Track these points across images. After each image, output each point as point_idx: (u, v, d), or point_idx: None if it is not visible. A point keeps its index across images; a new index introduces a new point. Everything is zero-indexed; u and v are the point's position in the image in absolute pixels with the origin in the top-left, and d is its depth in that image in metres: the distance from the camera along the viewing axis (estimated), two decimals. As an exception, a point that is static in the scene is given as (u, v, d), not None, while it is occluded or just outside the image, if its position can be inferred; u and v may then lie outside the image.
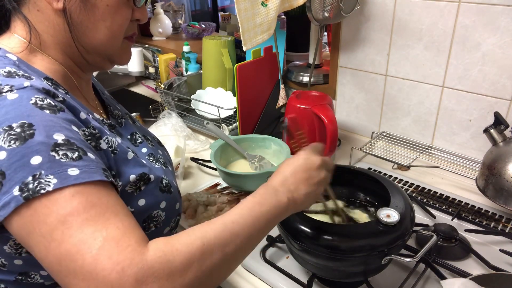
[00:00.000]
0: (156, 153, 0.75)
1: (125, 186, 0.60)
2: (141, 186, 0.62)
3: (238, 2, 0.94)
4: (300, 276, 0.77)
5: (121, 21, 0.62)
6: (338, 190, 0.86)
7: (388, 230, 0.64)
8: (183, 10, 2.29)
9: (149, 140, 0.78)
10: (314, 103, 1.06)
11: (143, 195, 0.62)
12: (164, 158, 0.77)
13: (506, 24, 0.93)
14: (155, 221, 0.64)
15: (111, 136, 0.61)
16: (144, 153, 0.71)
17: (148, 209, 0.63)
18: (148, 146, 0.75)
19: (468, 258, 0.81)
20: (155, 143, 0.80)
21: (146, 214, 0.63)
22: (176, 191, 0.70)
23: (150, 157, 0.71)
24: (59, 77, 0.61)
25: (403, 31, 1.09)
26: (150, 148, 0.74)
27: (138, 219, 0.58)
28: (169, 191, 0.67)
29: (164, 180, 0.66)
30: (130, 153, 0.63)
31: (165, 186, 0.66)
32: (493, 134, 0.93)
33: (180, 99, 1.46)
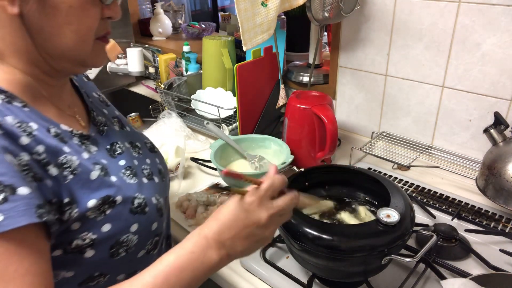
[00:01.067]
0: (141, 164, 0.68)
1: (85, 212, 0.54)
2: (105, 210, 0.56)
3: (238, 2, 0.94)
4: (300, 276, 0.77)
5: (90, 22, 0.56)
6: (338, 190, 0.86)
7: (388, 230, 0.64)
8: (183, 10, 2.29)
9: (136, 148, 0.71)
10: (314, 103, 1.06)
11: (108, 220, 0.56)
12: (152, 168, 0.70)
13: (506, 24, 0.93)
14: (125, 246, 0.58)
15: (72, 154, 0.55)
16: (121, 166, 0.64)
17: (115, 235, 0.57)
18: (131, 156, 0.68)
19: (468, 258, 0.81)
20: (144, 151, 0.73)
21: (113, 240, 0.57)
22: (153, 210, 0.63)
23: (127, 170, 0.64)
24: (18, 87, 0.55)
25: (403, 31, 1.09)
26: (132, 159, 0.67)
27: (104, 247, 0.55)
28: (143, 212, 0.60)
29: (136, 200, 0.60)
30: (95, 172, 0.56)
31: (137, 206, 0.60)
32: (493, 134, 0.93)
33: (180, 99, 1.46)
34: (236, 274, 0.81)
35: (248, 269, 0.81)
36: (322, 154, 1.07)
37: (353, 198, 0.85)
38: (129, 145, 0.70)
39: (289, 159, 1.03)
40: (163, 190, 0.71)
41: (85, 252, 0.54)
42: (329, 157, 1.09)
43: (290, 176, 0.81)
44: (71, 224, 0.53)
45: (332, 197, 0.85)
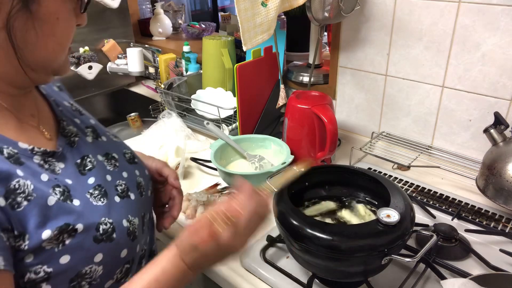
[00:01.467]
0: (115, 179, 0.62)
1: (39, 244, 0.48)
2: (64, 240, 0.50)
3: (238, 2, 0.94)
4: (300, 276, 0.77)
5: (70, 32, 0.55)
6: (338, 190, 0.86)
7: (388, 230, 0.64)
8: (183, 10, 2.29)
9: (112, 160, 0.65)
10: (314, 103, 1.06)
11: (67, 251, 0.50)
12: (129, 183, 0.64)
13: (506, 24, 0.93)
14: (88, 278, 0.52)
15: (26, 178, 0.49)
16: (90, 185, 0.58)
17: (76, 266, 0.51)
18: (104, 171, 0.62)
19: (468, 258, 0.81)
20: (122, 163, 0.66)
21: (73, 272, 0.51)
22: (123, 235, 0.57)
23: (96, 190, 0.57)
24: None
25: (403, 31, 1.09)
26: (105, 175, 0.61)
27: (62, 280, 0.50)
28: (109, 239, 0.54)
29: (101, 226, 0.54)
30: (53, 197, 0.51)
31: (102, 233, 0.54)
32: (493, 134, 0.93)
33: (180, 99, 1.46)
34: (236, 274, 0.81)
35: (248, 269, 0.81)
36: (322, 154, 1.07)
37: (353, 198, 0.85)
38: (104, 158, 0.64)
39: (289, 159, 1.03)
40: (142, 206, 0.65)
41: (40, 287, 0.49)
42: (329, 157, 1.09)
43: (290, 176, 0.81)
44: (24, 256, 0.48)
45: (333, 197, 0.85)
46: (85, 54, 1.69)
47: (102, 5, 1.63)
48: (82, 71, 1.66)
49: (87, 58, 1.69)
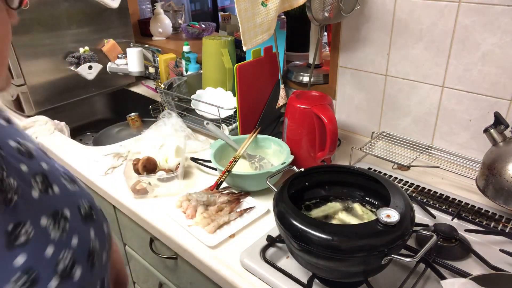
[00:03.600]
0: (58, 253, 0.46)
1: None
2: None
3: (238, 2, 0.94)
4: (300, 276, 0.77)
5: (6, 36, 0.45)
6: (338, 190, 0.86)
7: (388, 230, 0.64)
8: (183, 10, 2.30)
9: (61, 221, 0.48)
10: (314, 103, 1.06)
11: None
12: (76, 253, 0.48)
13: (506, 24, 0.93)
14: None
15: None
16: (15, 268, 0.42)
17: None
18: (43, 243, 0.45)
19: (468, 258, 0.81)
20: (74, 223, 0.50)
21: None
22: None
23: (24, 276, 0.42)
24: None
25: (403, 31, 1.09)
26: (43, 249, 0.45)
27: None
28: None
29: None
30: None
31: None
32: (493, 134, 0.93)
33: (180, 99, 1.46)
34: (236, 274, 0.81)
35: (248, 269, 0.81)
36: (322, 154, 1.07)
37: (353, 198, 0.85)
38: (49, 221, 0.47)
39: (289, 159, 1.03)
40: (92, 279, 0.51)
41: None
42: (329, 157, 1.09)
43: (290, 176, 0.81)
44: None
45: (333, 197, 0.85)
46: (85, 54, 1.69)
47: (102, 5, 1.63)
48: (82, 71, 1.66)
49: (87, 58, 1.69)
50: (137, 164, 1.10)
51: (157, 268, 1.16)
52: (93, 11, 1.67)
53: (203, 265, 0.86)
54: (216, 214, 0.95)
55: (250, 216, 0.96)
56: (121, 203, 1.07)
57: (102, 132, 1.64)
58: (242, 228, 0.93)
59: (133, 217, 1.06)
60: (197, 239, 0.90)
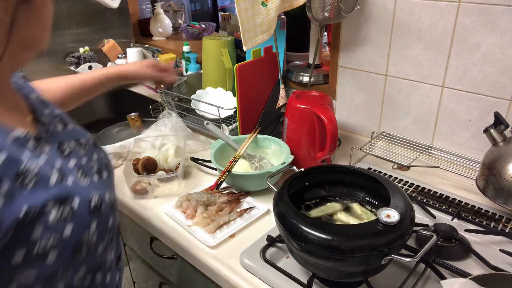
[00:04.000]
0: (89, 162, 0.66)
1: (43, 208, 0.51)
2: (67, 214, 0.53)
3: (238, 2, 0.94)
4: (300, 276, 0.77)
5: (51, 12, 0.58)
6: (338, 190, 0.86)
7: (388, 230, 0.64)
8: (183, 10, 2.30)
9: (81, 145, 0.68)
10: (314, 103, 1.06)
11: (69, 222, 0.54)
12: (99, 164, 0.68)
13: (506, 24, 0.93)
14: (86, 244, 0.56)
15: (31, 162, 0.52)
16: (72, 168, 0.60)
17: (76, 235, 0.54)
18: (79, 154, 0.65)
19: (468, 258, 0.81)
20: (89, 147, 0.70)
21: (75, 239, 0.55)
22: (108, 208, 0.61)
23: (78, 172, 0.61)
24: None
25: (403, 31, 1.09)
26: (80, 158, 0.64)
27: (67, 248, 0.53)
28: (99, 211, 0.59)
29: (93, 200, 0.58)
30: (53, 178, 0.54)
31: (94, 207, 0.58)
32: (493, 134, 0.93)
33: (180, 99, 1.46)
34: (236, 274, 0.81)
35: (248, 269, 0.81)
36: (322, 154, 1.07)
37: (353, 198, 0.85)
38: (75, 144, 0.66)
39: (289, 159, 1.03)
40: (111, 185, 0.71)
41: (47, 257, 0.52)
42: (329, 157, 1.09)
43: (290, 176, 0.81)
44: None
45: (333, 197, 0.85)
46: (85, 54, 1.69)
47: (102, 5, 1.63)
48: (82, 71, 1.66)
49: (87, 58, 1.69)
50: (137, 164, 1.10)
51: (157, 268, 1.16)
52: (93, 11, 1.67)
53: (203, 265, 0.86)
54: (216, 214, 0.94)
55: (250, 216, 0.96)
56: (121, 203, 1.07)
57: (102, 132, 1.64)
58: (242, 228, 0.93)
59: (133, 217, 1.06)
60: (197, 239, 0.90)
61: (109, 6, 1.63)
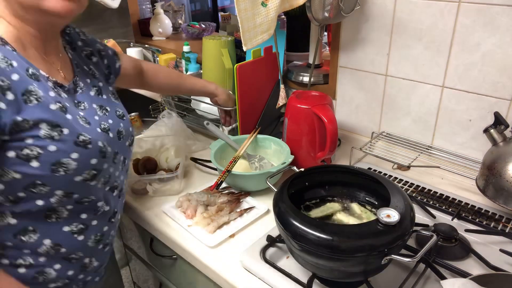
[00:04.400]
0: (101, 121, 0.78)
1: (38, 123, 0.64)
2: (54, 135, 0.66)
3: (238, 2, 0.94)
4: (300, 276, 0.77)
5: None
6: (338, 190, 0.86)
7: (388, 230, 0.64)
8: (183, 10, 2.30)
9: (103, 110, 0.81)
10: (314, 103, 1.06)
11: (56, 143, 0.66)
12: (112, 126, 0.80)
13: (506, 24, 0.93)
14: (64, 166, 0.67)
15: (40, 88, 0.66)
16: (80, 114, 0.73)
17: (59, 155, 0.66)
18: (93, 113, 0.77)
19: (468, 258, 0.81)
20: (111, 115, 0.82)
21: (55, 158, 0.66)
22: (96, 150, 0.72)
23: (83, 118, 0.73)
24: (11, 37, 0.67)
25: (403, 31, 1.09)
26: (93, 115, 0.77)
27: (47, 162, 0.66)
28: (85, 147, 0.70)
29: (81, 137, 0.69)
30: (54, 105, 0.67)
31: (81, 141, 0.69)
32: (493, 134, 0.93)
33: (180, 99, 1.46)
34: (236, 274, 0.81)
35: (248, 269, 0.81)
36: (322, 154, 1.07)
37: (353, 198, 0.85)
38: (97, 107, 0.80)
39: (289, 159, 1.03)
40: (116, 146, 0.80)
41: (30, 162, 0.65)
42: (329, 157, 1.09)
43: (290, 176, 0.81)
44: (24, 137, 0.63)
45: (333, 197, 0.85)
46: (85, 54, 1.69)
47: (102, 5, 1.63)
48: (82, 71, 1.66)
49: (87, 58, 1.68)
50: (137, 164, 1.10)
51: (157, 268, 1.16)
52: (93, 11, 1.67)
53: (203, 265, 0.86)
54: (216, 214, 0.94)
55: (250, 216, 0.96)
56: (121, 203, 1.07)
57: (102, 132, 1.64)
58: (242, 228, 0.93)
59: (133, 217, 1.06)
60: (197, 239, 0.90)
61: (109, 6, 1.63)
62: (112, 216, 0.82)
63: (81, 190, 0.72)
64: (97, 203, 0.77)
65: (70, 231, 0.74)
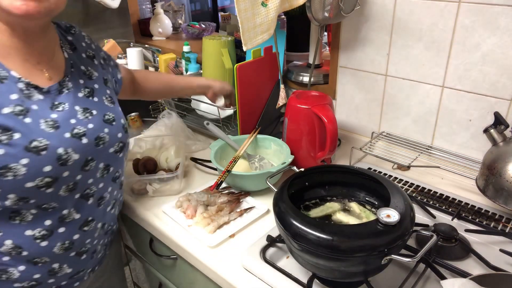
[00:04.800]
0: (77, 124, 0.73)
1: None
2: (2, 139, 0.64)
3: (238, 2, 0.94)
4: (300, 276, 0.77)
5: None
6: (338, 190, 0.86)
7: (388, 230, 0.64)
8: (183, 10, 2.29)
9: (87, 113, 0.76)
10: (314, 103, 1.06)
11: (3, 147, 0.64)
12: (89, 131, 0.75)
13: (506, 24, 0.93)
14: (12, 171, 0.65)
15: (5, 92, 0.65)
16: (50, 117, 0.70)
17: (6, 159, 0.64)
18: (70, 115, 0.73)
19: (468, 258, 0.81)
20: (96, 119, 0.78)
21: (2, 163, 0.64)
22: (52, 157, 0.68)
23: (51, 121, 0.70)
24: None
25: (403, 31, 1.09)
26: (69, 118, 0.73)
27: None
28: (37, 153, 0.66)
29: (34, 142, 0.66)
30: (7, 108, 0.65)
31: (32, 147, 0.66)
32: (493, 134, 0.93)
33: (180, 99, 1.46)
34: (236, 274, 0.81)
35: (248, 269, 0.81)
36: (322, 154, 1.07)
37: (352, 198, 0.85)
38: (81, 110, 0.76)
39: (289, 159, 1.03)
40: (91, 152, 0.75)
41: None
42: (329, 157, 1.09)
43: (290, 176, 0.81)
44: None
45: (333, 197, 0.85)
46: (85, 54, 1.69)
47: (102, 5, 1.63)
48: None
49: (87, 58, 1.68)
50: (137, 164, 1.10)
51: (157, 268, 1.16)
52: (93, 11, 1.67)
53: (203, 265, 0.86)
54: (216, 214, 0.94)
55: (250, 216, 0.96)
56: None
57: (102, 132, 1.64)
58: (242, 228, 0.93)
59: (133, 217, 1.06)
60: (197, 239, 0.90)
61: (109, 6, 1.63)
62: (84, 224, 0.78)
63: (37, 196, 0.69)
64: (62, 210, 0.73)
65: (32, 236, 0.71)
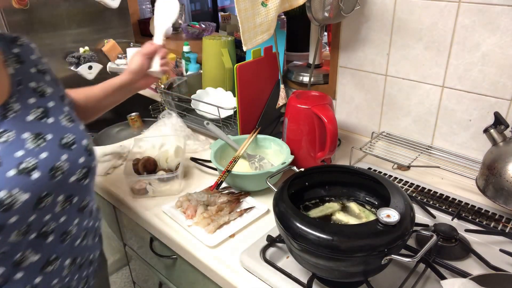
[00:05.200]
0: (26, 156, 0.64)
1: None
2: None
3: (238, 2, 0.94)
4: (300, 276, 0.77)
5: None
6: (338, 190, 0.86)
7: (388, 230, 0.64)
8: (183, 10, 2.30)
9: (39, 140, 0.66)
10: (314, 103, 1.06)
11: None
12: (41, 163, 0.65)
13: (506, 24, 0.93)
14: None
15: None
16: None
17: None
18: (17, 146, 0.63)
19: (468, 258, 0.81)
20: (51, 145, 0.67)
21: None
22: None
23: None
24: None
25: (403, 31, 1.09)
26: (15, 150, 0.63)
27: None
28: None
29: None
30: None
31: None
32: (493, 134, 0.93)
33: (180, 99, 1.46)
34: (236, 274, 0.81)
35: (248, 269, 0.81)
36: (322, 154, 1.07)
37: (352, 198, 0.85)
38: (31, 136, 0.65)
39: (289, 159, 1.03)
40: (47, 187, 0.65)
41: None
42: (329, 157, 1.09)
43: (290, 176, 0.81)
44: None
45: (333, 197, 0.85)
46: (85, 54, 1.69)
47: (102, 5, 1.63)
48: (82, 71, 1.66)
49: (87, 58, 1.69)
50: (137, 164, 1.10)
51: (157, 268, 1.16)
52: (93, 11, 1.67)
53: (203, 265, 0.86)
54: (216, 214, 0.94)
55: (250, 216, 0.96)
56: (121, 203, 1.07)
57: (102, 132, 1.64)
58: (242, 228, 0.93)
59: (133, 217, 1.06)
60: (197, 239, 0.90)
61: (109, 6, 1.63)
62: (47, 264, 0.69)
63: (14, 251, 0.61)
64: (15, 255, 0.64)
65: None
